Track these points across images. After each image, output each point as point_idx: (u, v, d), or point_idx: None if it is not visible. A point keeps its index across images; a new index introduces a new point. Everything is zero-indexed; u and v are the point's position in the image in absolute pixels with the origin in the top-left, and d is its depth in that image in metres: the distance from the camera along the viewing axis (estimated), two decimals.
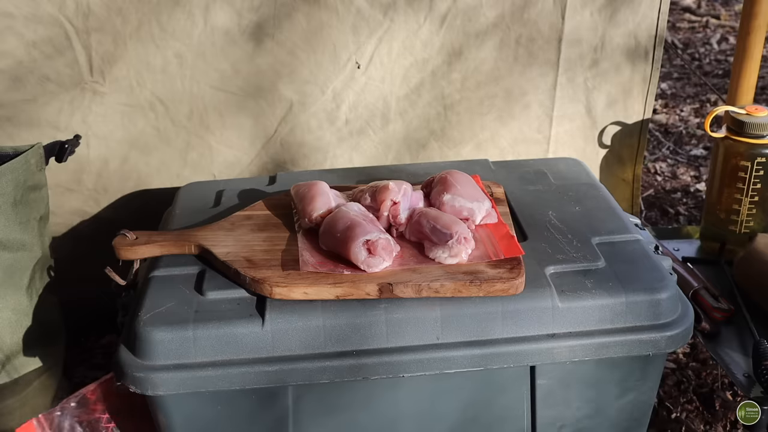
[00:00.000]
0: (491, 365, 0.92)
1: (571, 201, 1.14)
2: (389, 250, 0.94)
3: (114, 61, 1.29)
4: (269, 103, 1.40)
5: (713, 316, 1.25)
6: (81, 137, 1.24)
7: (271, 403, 0.94)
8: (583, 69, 1.51)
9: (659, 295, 0.94)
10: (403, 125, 1.48)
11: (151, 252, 1.02)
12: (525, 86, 1.50)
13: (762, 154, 1.36)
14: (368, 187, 1.06)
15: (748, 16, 1.54)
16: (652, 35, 1.51)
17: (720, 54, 3.40)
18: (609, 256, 0.99)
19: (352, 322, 0.90)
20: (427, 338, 0.91)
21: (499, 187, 1.16)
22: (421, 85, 1.45)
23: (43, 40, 1.24)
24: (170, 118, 1.37)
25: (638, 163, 1.64)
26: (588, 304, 0.92)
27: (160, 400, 0.91)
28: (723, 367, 1.19)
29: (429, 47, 1.42)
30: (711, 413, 1.43)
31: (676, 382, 1.51)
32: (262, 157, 1.45)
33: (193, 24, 1.30)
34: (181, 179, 1.41)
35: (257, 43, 1.35)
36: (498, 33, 1.44)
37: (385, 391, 0.96)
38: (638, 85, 1.55)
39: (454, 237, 0.94)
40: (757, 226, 1.42)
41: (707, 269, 1.38)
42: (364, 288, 0.91)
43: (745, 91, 1.60)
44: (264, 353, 0.90)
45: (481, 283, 0.91)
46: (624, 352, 0.93)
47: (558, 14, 1.44)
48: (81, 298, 1.33)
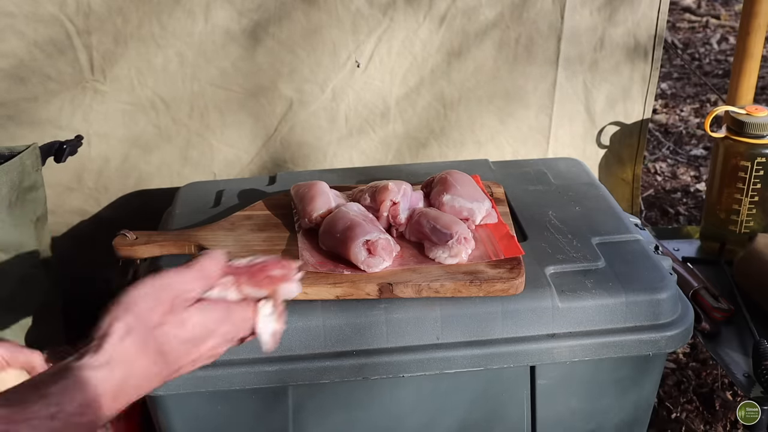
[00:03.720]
0: (491, 365, 0.92)
1: (571, 201, 1.14)
2: (389, 250, 0.94)
3: (115, 60, 1.30)
4: (269, 101, 1.40)
5: (713, 316, 1.25)
6: (83, 138, 1.24)
7: (271, 403, 0.94)
8: (583, 69, 1.51)
9: (659, 295, 0.94)
10: (402, 124, 1.48)
11: (151, 252, 1.02)
12: (525, 86, 1.50)
13: (762, 154, 1.36)
14: (368, 187, 1.06)
15: (748, 16, 1.54)
16: (651, 35, 1.51)
17: (720, 54, 3.40)
18: (609, 256, 0.99)
19: (352, 322, 0.90)
20: (427, 338, 0.91)
21: (499, 187, 1.16)
22: (420, 84, 1.45)
23: (45, 39, 1.24)
24: (171, 117, 1.37)
25: (638, 163, 1.64)
26: (588, 304, 0.92)
27: (160, 400, 0.91)
28: (723, 367, 1.19)
29: (428, 46, 1.42)
30: (711, 413, 1.43)
31: (676, 382, 1.51)
32: (263, 156, 1.45)
33: (194, 23, 1.30)
34: (182, 178, 1.41)
35: (257, 42, 1.35)
36: (497, 32, 1.44)
37: (385, 391, 0.96)
38: (638, 85, 1.55)
39: (454, 237, 0.94)
40: (757, 226, 1.42)
41: (707, 269, 1.38)
42: (364, 288, 0.91)
43: (745, 91, 1.60)
44: (264, 353, 0.89)
45: (481, 283, 0.91)
46: (624, 352, 0.93)
47: (557, 13, 1.44)
48: (81, 297, 1.33)
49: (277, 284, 0.74)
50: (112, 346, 0.66)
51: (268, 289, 0.74)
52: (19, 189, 1.10)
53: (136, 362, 0.67)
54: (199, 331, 0.71)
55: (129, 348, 0.67)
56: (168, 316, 0.69)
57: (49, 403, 0.61)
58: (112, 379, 0.65)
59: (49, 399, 0.62)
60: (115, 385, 0.66)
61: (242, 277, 0.74)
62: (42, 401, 0.61)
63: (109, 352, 0.66)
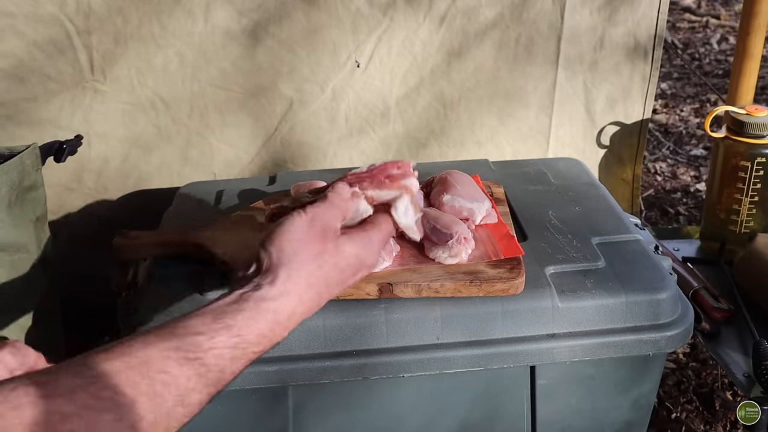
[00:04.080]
0: (491, 365, 0.92)
1: (571, 201, 1.14)
2: (389, 250, 0.94)
3: (115, 60, 1.30)
4: (269, 101, 1.40)
5: (713, 316, 1.25)
6: (83, 137, 1.24)
7: (271, 403, 0.94)
8: (583, 69, 1.51)
9: (659, 295, 0.94)
10: (402, 124, 1.48)
11: (151, 252, 1.02)
12: (525, 86, 1.50)
13: (762, 154, 1.36)
14: None
15: (748, 16, 1.54)
16: (651, 35, 1.51)
17: (720, 54, 3.40)
18: (609, 256, 0.99)
19: (352, 322, 0.90)
20: (427, 338, 0.91)
21: (499, 187, 1.16)
22: (420, 84, 1.45)
23: (44, 39, 1.24)
24: (171, 117, 1.37)
25: (638, 163, 1.64)
26: (588, 304, 0.92)
27: None
28: (723, 367, 1.19)
29: (428, 46, 1.42)
30: (711, 413, 1.43)
31: (676, 382, 1.51)
32: (263, 156, 1.45)
33: (194, 23, 1.30)
34: (182, 178, 1.41)
35: (257, 42, 1.35)
36: (497, 32, 1.44)
37: (385, 391, 0.96)
38: (638, 85, 1.55)
39: (454, 237, 0.94)
40: (757, 226, 1.42)
41: (707, 269, 1.38)
42: (364, 288, 0.91)
43: (745, 91, 1.60)
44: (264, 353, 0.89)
45: (481, 283, 0.91)
46: (624, 352, 0.93)
47: (557, 13, 1.44)
48: (80, 297, 1.33)
49: (399, 181, 0.82)
50: (286, 276, 0.70)
51: (393, 188, 0.81)
52: (18, 189, 1.10)
53: (305, 292, 0.71)
54: (353, 260, 0.76)
55: (300, 278, 0.71)
56: (326, 246, 0.74)
57: (231, 334, 0.65)
58: (286, 309, 0.70)
59: (232, 330, 0.65)
60: (287, 314, 0.70)
61: (365, 183, 0.81)
62: (226, 331, 0.65)
63: (284, 282, 0.70)
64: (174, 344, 0.61)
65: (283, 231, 0.73)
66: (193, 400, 0.62)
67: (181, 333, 0.63)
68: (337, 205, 0.77)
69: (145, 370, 0.59)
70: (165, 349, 0.61)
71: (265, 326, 0.68)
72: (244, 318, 0.66)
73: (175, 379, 0.60)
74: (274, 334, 0.69)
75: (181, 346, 0.61)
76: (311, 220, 0.74)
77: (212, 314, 0.66)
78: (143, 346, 0.60)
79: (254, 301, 0.68)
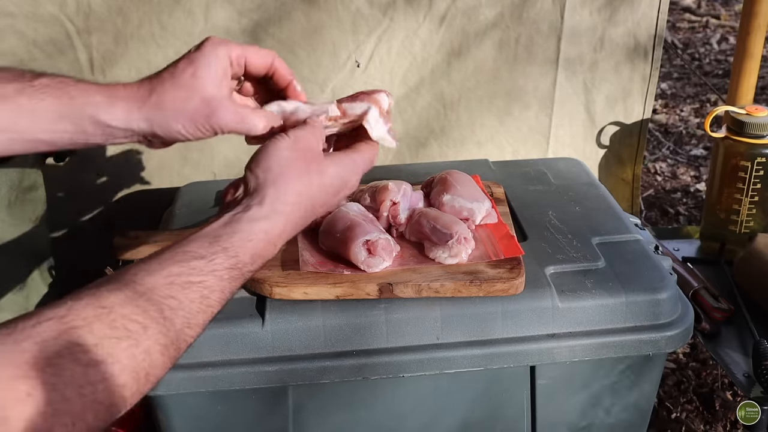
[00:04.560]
0: (491, 365, 0.92)
1: (571, 201, 1.14)
2: (389, 250, 0.94)
3: (115, 60, 1.29)
4: None
5: (713, 316, 1.25)
6: None
7: (271, 403, 0.94)
8: (583, 69, 1.51)
9: (659, 295, 0.94)
10: (402, 124, 1.48)
11: (151, 252, 1.02)
12: (525, 86, 1.50)
13: (762, 154, 1.36)
14: (368, 187, 1.06)
15: (748, 16, 1.54)
16: (651, 34, 1.51)
17: (720, 54, 3.40)
18: (609, 256, 0.99)
19: (352, 322, 0.90)
20: (427, 338, 0.91)
21: (499, 187, 1.16)
22: (420, 84, 1.45)
23: (44, 39, 1.24)
24: None
25: (638, 163, 1.64)
26: (588, 304, 0.92)
27: (160, 399, 0.91)
28: (723, 367, 1.19)
29: (428, 46, 1.42)
30: (711, 413, 1.43)
31: (676, 382, 1.51)
32: None
33: (194, 23, 1.30)
34: (182, 177, 1.41)
35: (257, 42, 1.34)
36: (497, 32, 1.44)
37: (385, 391, 0.96)
38: (638, 85, 1.55)
39: (454, 237, 0.94)
40: (757, 226, 1.42)
41: (707, 269, 1.38)
42: (364, 288, 0.91)
43: (745, 91, 1.60)
44: (264, 353, 0.90)
45: (481, 283, 0.91)
46: (624, 352, 0.93)
47: (557, 13, 1.44)
48: None
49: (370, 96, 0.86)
50: (274, 196, 0.73)
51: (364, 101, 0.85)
52: (18, 189, 1.10)
53: (293, 211, 0.74)
54: (337, 180, 0.79)
55: (287, 197, 0.73)
56: (309, 166, 0.76)
57: (228, 255, 0.68)
58: (276, 228, 0.72)
59: (229, 252, 0.68)
60: (278, 233, 0.73)
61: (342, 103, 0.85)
62: (223, 253, 0.68)
63: (272, 202, 0.72)
64: (176, 270, 0.65)
65: (268, 153, 0.76)
66: (199, 321, 0.65)
67: (181, 258, 0.66)
68: (317, 128, 0.81)
69: (154, 296, 0.62)
70: (168, 275, 0.64)
71: (258, 246, 0.71)
72: (239, 239, 0.69)
73: (181, 303, 0.63)
74: (267, 252, 0.72)
75: (184, 271, 0.65)
76: (294, 141, 0.77)
77: (208, 238, 0.69)
78: (147, 275, 0.63)
79: (246, 222, 0.71)
